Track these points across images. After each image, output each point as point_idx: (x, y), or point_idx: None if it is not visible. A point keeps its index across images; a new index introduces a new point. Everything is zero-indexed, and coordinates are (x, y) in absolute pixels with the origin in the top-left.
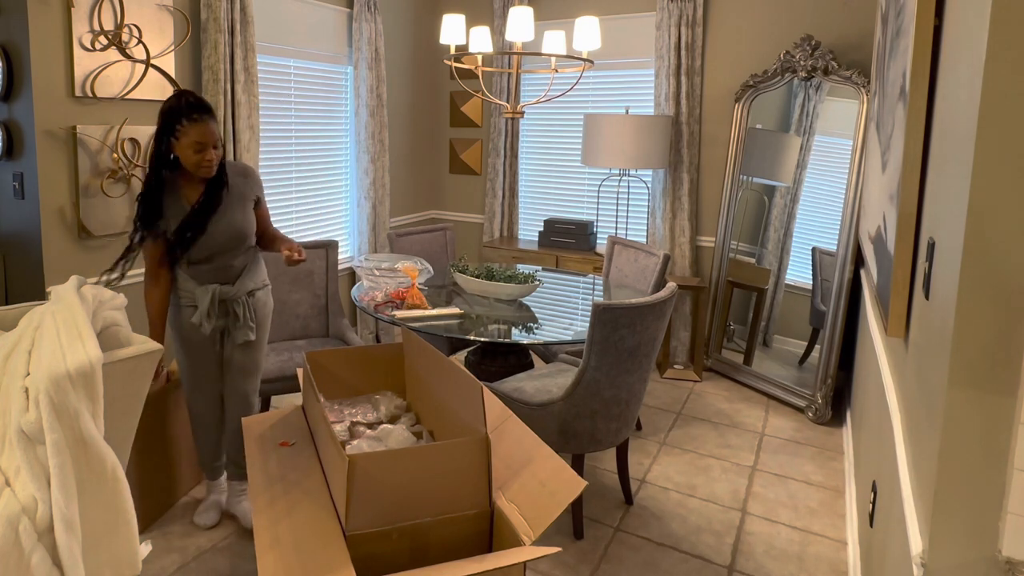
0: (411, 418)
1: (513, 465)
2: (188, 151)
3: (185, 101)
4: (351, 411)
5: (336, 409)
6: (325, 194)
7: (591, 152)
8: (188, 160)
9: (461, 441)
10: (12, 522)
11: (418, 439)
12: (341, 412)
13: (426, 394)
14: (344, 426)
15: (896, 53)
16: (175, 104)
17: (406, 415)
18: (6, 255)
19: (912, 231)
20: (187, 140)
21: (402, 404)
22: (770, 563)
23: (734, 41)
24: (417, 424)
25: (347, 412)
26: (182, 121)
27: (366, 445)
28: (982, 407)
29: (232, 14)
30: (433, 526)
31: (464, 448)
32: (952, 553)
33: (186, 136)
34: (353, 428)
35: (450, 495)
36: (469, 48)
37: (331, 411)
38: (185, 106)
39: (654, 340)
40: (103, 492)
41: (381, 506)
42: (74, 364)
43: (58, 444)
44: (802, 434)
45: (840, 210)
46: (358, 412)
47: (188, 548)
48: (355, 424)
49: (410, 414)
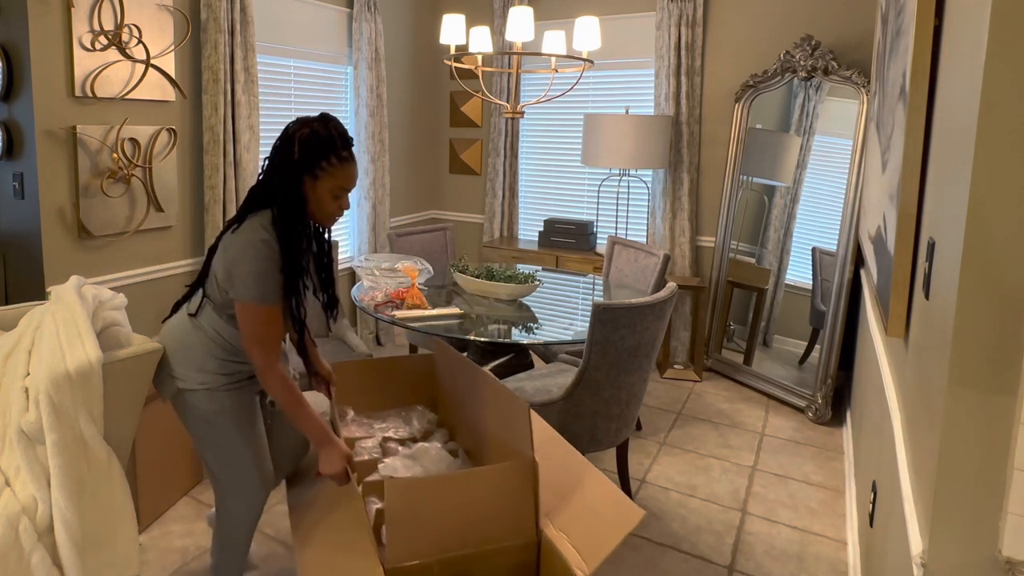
0: (444, 434)
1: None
2: (326, 196)
3: (336, 132)
4: (381, 426)
5: (365, 423)
6: None
7: (591, 152)
8: (322, 206)
9: (507, 465)
10: (12, 522)
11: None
12: (371, 427)
13: (460, 410)
14: (375, 442)
15: (896, 53)
16: (323, 133)
17: (439, 431)
18: (6, 255)
19: (912, 231)
20: (330, 182)
21: (434, 419)
22: (770, 563)
23: (734, 41)
24: (451, 441)
25: (377, 427)
26: (331, 158)
27: (400, 464)
28: (982, 407)
29: (232, 14)
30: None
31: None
32: (952, 553)
33: (331, 178)
34: (384, 444)
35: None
36: (469, 48)
37: (360, 426)
38: (338, 138)
39: (654, 340)
40: (103, 492)
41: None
42: (74, 364)
43: (58, 444)
44: (802, 434)
45: (840, 210)
46: (389, 427)
47: (188, 548)
48: (386, 440)
49: (443, 430)
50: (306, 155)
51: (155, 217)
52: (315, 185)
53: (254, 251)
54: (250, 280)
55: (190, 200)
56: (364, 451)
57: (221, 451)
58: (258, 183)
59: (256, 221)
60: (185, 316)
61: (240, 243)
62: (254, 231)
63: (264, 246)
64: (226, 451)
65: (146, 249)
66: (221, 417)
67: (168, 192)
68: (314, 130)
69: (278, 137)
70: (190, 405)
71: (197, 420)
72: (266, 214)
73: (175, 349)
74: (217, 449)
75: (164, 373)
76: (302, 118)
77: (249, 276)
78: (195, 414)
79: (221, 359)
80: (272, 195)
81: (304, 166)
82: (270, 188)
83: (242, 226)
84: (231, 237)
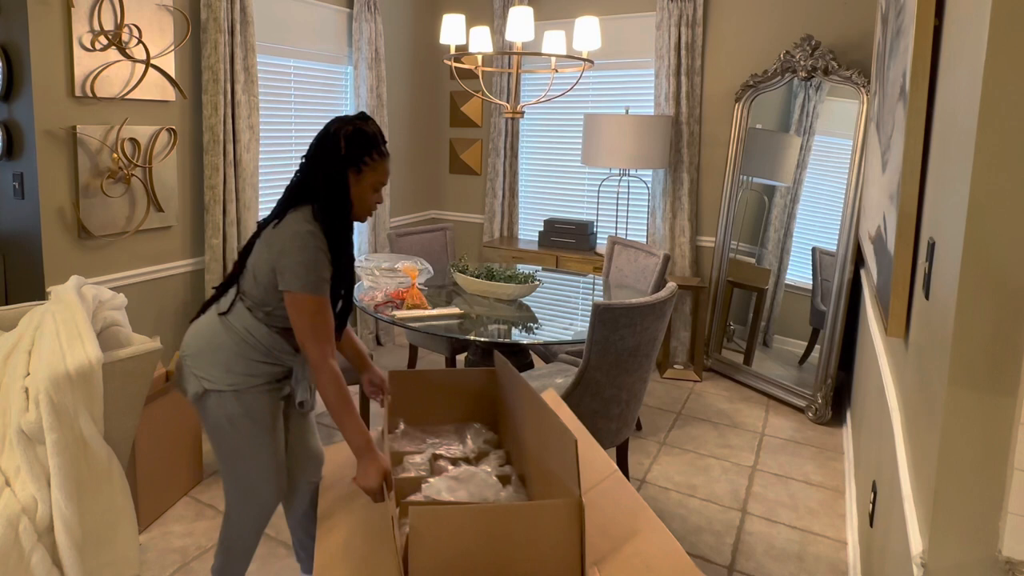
0: (501, 457)
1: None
2: (367, 190)
3: (377, 129)
4: (434, 441)
5: (418, 437)
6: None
7: (591, 152)
8: (364, 200)
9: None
10: (12, 522)
11: (504, 484)
12: (423, 441)
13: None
14: (424, 457)
15: (896, 53)
16: (367, 130)
17: (495, 452)
18: (6, 255)
19: (912, 231)
20: (372, 177)
21: (492, 439)
22: (770, 563)
23: (734, 41)
24: (507, 465)
25: (430, 442)
26: (372, 154)
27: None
28: (982, 407)
29: (232, 14)
30: None
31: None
32: (952, 553)
33: (372, 172)
34: (434, 462)
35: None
36: (469, 48)
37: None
38: (379, 135)
39: (654, 340)
40: (103, 492)
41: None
42: (74, 364)
43: (58, 444)
44: (802, 434)
45: (840, 210)
46: (442, 444)
47: (188, 548)
48: (437, 457)
49: (500, 452)
50: (351, 150)
51: (155, 217)
52: (358, 179)
53: (301, 241)
54: (300, 269)
55: (190, 200)
56: (412, 467)
57: (239, 456)
58: (297, 180)
59: (298, 215)
60: (215, 315)
61: (287, 235)
62: (299, 223)
63: (311, 236)
64: (244, 457)
65: (146, 249)
66: (244, 421)
67: (168, 192)
68: (358, 127)
69: (318, 135)
70: (214, 406)
71: (219, 422)
72: (306, 209)
73: (202, 349)
74: (236, 454)
75: (189, 373)
76: (343, 117)
77: (299, 266)
78: (218, 416)
79: (250, 359)
80: (313, 190)
81: (349, 160)
82: (311, 183)
83: (284, 220)
84: (273, 232)
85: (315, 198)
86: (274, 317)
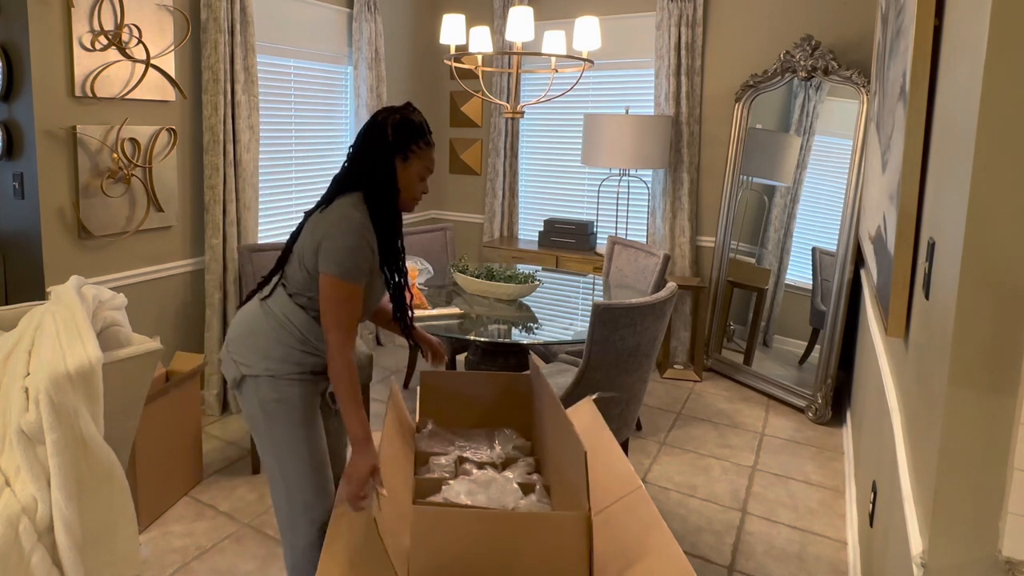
0: (529, 464)
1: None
2: (414, 179)
3: (423, 118)
4: (463, 443)
5: (447, 439)
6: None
7: (591, 152)
8: (411, 189)
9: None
10: (12, 522)
11: (526, 493)
12: (451, 443)
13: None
14: (450, 459)
15: (896, 53)
16: (414, 119)
17: (525, 460)
18: (6, 255)
19: (912, 231)
20: (419, 164)
21: (524, 445)
22: (770, 563)
23: (734, 41)
24: (535, 473)
25: (458, 444)
26: (419, 142)
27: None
28: (982, 407)
29: (232, 14)
30: None
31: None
32: (952, 553)
33: (419, 160)
34: (460, 465)
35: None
36: (469, 48)
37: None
38: (425, 124)
39: (654, 340)
40: (103, 492)
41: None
42: (74, 364)
43: (58, 444)
44: (802, 434)
45: (840, 210)
46: (470, 447)
47: (188, 548)
48: (463, 460)
49: (530, 459)
50: (399, 138)
51: (155, 217)
52: (406, 167)
53: (348, 225)
54: (340, 255)
55: (190, 200)
56: (436, 468)
57: (278, 447)
58: (344, 169)
59: (346, 200)
60: (256, 301)
61: (335, 218)
62: (347, 208)
63: (359, 223)
64: (282, 448)
65: (146, 249)
66: (281, 407)
67: (168, 192)
68: (405, 116)
69: (364, 125)
70: (251, 392)
71: (256, 409)
72: (355, 195)
73: (242, 334)
74: (275, 445)
75: (229, 358)
76: (389, 107)
77: (341, 250)
78: (252, 402)
79: (288, 346)
80: (361, 178)
81: (397, 147)
82: (359, 171)
83: (331, 205)
84: (321, 216)
85: (363, 185)
86: (315, 302)
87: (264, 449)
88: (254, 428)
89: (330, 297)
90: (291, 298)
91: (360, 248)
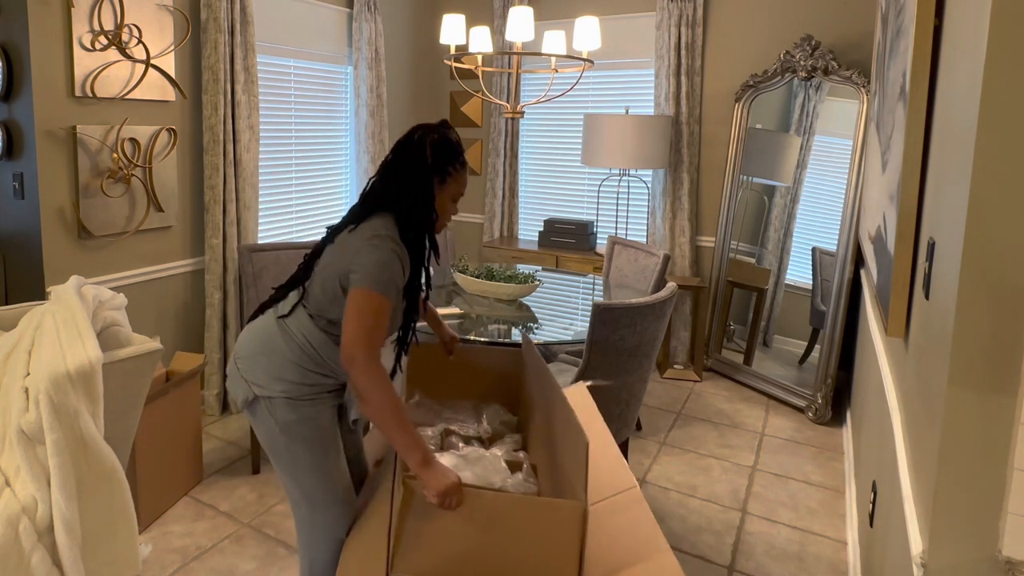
0: (516, 441)
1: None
2: (448, 200)
3: (458, 138)
4: (449, 416)
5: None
6: (325, 194)
7: (591, 152)
8: (444, 210)
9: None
10: (12, 522)
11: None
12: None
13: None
14: (436, 431)
15: (896, 53)
16: (452, 138)
17: (511, 436)
18: (6, 255)
19: (912, 231)
20: (454, 187)
21: (511, 421)
22: (770, 563)
23: (734, 41)
24: (521, 450)
25: (445, 416)
26: (455, 164)
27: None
28: (982, 407)
29: (232, 14)
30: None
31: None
32: (952, 553)
33: (455, 182)
34: (446, 437)
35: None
36: (469, 48)
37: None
38: (461, 144)
39: (654, 340)
40: (103, 492)
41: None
42: (74, 364)
43: (58, 444)
44: (802, 434)
45: (840, 210)
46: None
47: (188, 548)
48: (449, 433)
49: (516, 436)
50: (437, 158)
51: (155, 217)
52: (441, 189)
53: (380, 242)
54: (373, 269)
55: (190, 200)
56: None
57: (299, 468)
58: (377, 188)
59: (378, 221)
60: (272, 319)
61: (366, 236)
62: (379, 229)
63: (391, 242)
64: (304, 469)
65: (146, 249)
66: (301, 427)
67: (168, 192)
68: (443, 135)
69: (399, 142)
70: (266, 414)
71: (271, 431)
72: (387, 217)
73: (255, 353)
74: (295, 466)
75: (240, 377)
76: (425, 124)
77: (373, 265)
78: (269, 424)
79: (304, 368)
80: (396, 198)
81: (435, 169)
82: (394, 191)
83: (362, 225)
84: (350, 235)
85: (397, 207)
86: (336, 326)
87: (283, 469)
88: (272, 449)
89: (362, 309)
90: (312, 319)
91: (392, 263)
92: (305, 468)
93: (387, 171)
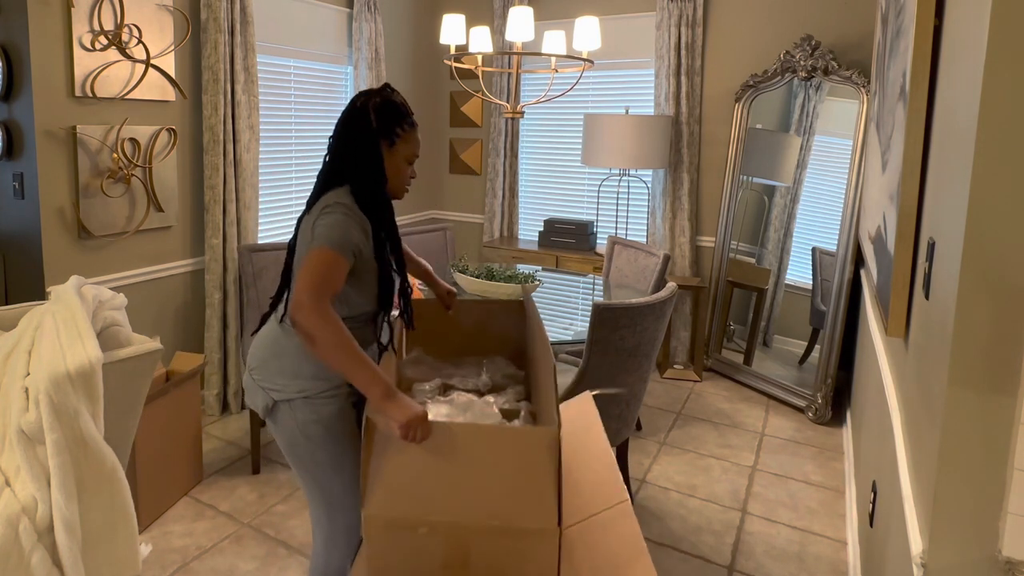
0: (519, 392)
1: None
2: (402, 163)
3: (403, 99)
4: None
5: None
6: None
7: (591, 152)
8: (399, 174)
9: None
10: (12, 522)
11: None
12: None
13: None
14: (433, 384)
15: (896, 53)
16: (395, 99)
17: (514, 387)
18: (6, 255)
19: (912, 231)
20: (406, 149)
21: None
22: (770, 563)
23: (734, 41)
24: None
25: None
26: (403, 125)
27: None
28: (982, 407)
29: (232, 14)
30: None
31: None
32: (952, 553)
33: (405, 144)
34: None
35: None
36: (469, 48)
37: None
38: (407, 105)
39: (654, 340)
40: (103, 492)
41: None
42: (74, 364)
43: (58, 444)
44: (802, 434)
45: (840, 210)
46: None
47: (188, 548)
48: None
49: (519, 387)
50: (383, 122)
51: (155, 217)
52: (392, 152)
53: (331, 209)
54: (326, 230)
55: (190, 200)
56: (419, 394)
57: (321, 469)
58: (326, 163)
59: (331, 195)
60: (275, 324)
61: (318, 211)
62: (329, 200)
63: (342, 207)
64: (326, 470)
65: (146, 249)
66: (318, 428)
67: (168, 192)
68: (386, 98)
69: (343, 112)
70: (286, 417)
71: (293, 434)
72: (341, 190)
73: (267, 359)
74: (317, 468)
75: (256, 387)
76: (366, 90)
77: (327, 227)
78: (291, 427)
79: (317, 363)
80: (347, 170)
81: (381, 133)
82: (343, 163)
83: (316, 204)
84: (308, 216)
85: (349, 177)
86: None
87: (304, 470)
88: (293, 452)
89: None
90: None
91: (348, 224)
92: (327, 468)
93: (335, 144)
